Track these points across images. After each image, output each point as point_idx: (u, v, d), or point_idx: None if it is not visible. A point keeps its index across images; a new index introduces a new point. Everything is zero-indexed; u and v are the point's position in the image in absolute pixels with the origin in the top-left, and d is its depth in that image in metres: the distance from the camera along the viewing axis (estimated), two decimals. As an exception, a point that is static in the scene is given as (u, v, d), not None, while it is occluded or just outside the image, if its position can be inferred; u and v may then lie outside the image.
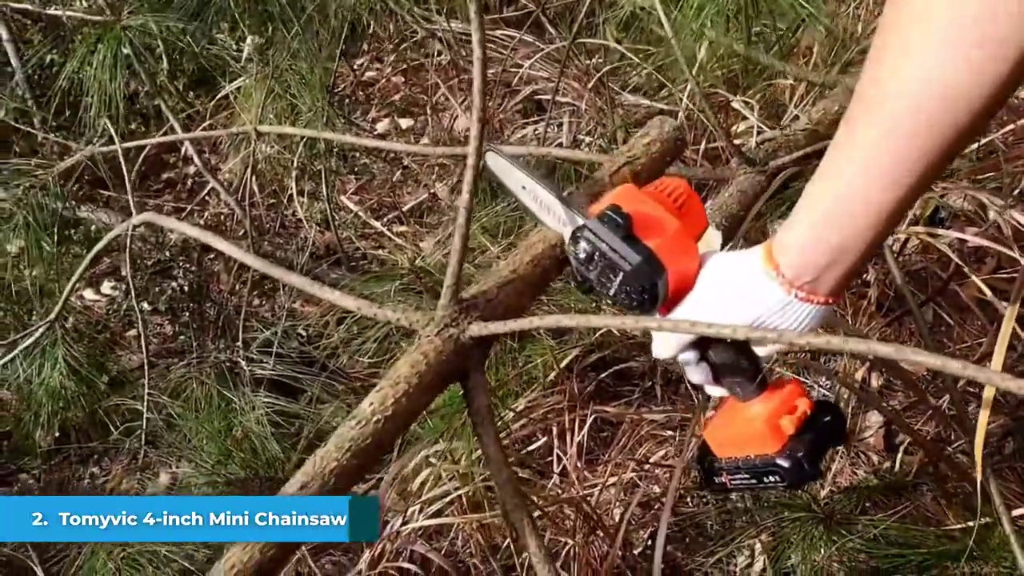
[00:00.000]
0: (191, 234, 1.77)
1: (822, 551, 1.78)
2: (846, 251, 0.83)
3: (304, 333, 2.36)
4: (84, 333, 2.26)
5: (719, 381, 0.98)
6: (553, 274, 1.45)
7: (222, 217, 2.65)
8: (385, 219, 2.70)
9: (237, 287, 2.32)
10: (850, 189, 0.80)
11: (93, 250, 1.70)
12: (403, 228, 2.68)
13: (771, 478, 0.96)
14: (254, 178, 2.29)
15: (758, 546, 1.92)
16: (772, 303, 0.88)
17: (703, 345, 0.95)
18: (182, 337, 2.32)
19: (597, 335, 2.09)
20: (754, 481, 0.98)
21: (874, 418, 2.09)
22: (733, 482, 1.00)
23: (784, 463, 0.94)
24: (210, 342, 2.27)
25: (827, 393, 2.12)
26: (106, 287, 2.63)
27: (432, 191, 2.78)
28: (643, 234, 0.94)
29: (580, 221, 0.98)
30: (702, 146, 2.38)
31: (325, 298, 1.46)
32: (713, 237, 1.45)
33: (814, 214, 0.84)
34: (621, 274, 0.93)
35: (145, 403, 1.96)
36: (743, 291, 0.90)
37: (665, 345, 0.98)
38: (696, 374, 0.98)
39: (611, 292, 0.95)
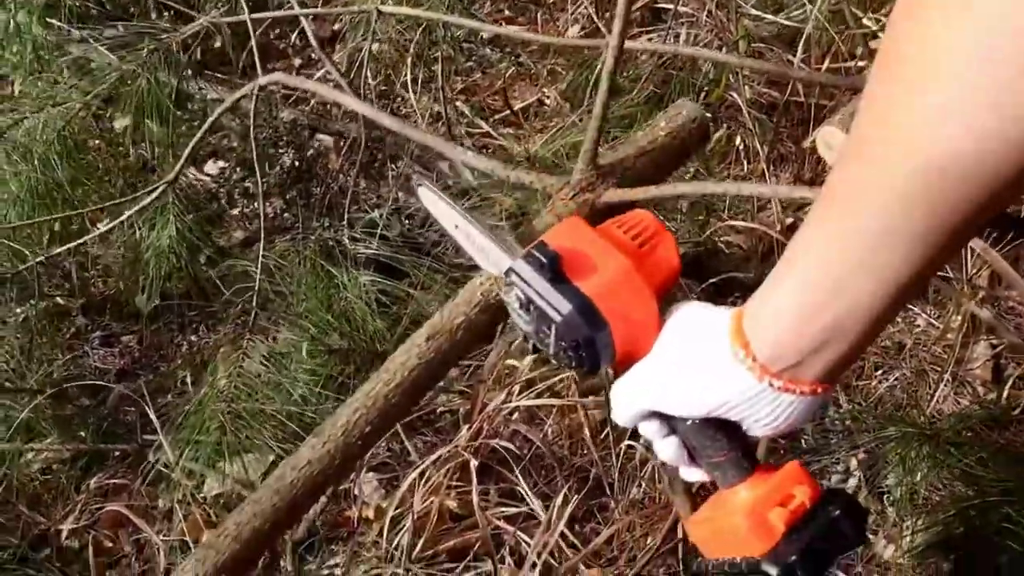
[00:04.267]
0: (323, 93, 1.78)
1: (921, 473, 1.76)
2: (841, 332, 0.63)
3: (408, 221, 2.38)
4: (195, 201, 2.30)
5: (695, 461, 0.79)
6: (693, 149, 1.44)
7: (327, 105, 2.65)
8: (491, 120, 2.68)
9: (345, 167, 2.33)
10: (853, 251, 0.59)
11: (221, 108, 1.71)
12: (508, 130, 2.67)
13: None
14: (369, 65, 2.29)
15: (853, 463, 1.90)
16: (741, 388, 0.69)
17: (671, 418, 0.77)
18: (287, 215, 2.35)
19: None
20: None
21: (981, 349, 2.04)
22: None
23: (771, 570, 0.73)
24: (315, 220, 2.30)
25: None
26: (211, 166, 2.66)
27: (540, 96, 2.76)
28: (577, 276, 0.75)
29: (507, 261, 0.82)
30: (825, 64, 2.33)
31: (458, 159, 1.46)
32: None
33: (800, 279, 0.64)
34: (554, 327, 0.75)
35: (260, 264, 1.99)
36: (705, 367, 0.71)
37: (625, 407, 0.78)
38: (665, 450, 0.79)
39: (551, 350, 0.77)
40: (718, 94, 2.40)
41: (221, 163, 2.56)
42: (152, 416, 2.05)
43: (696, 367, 0.72)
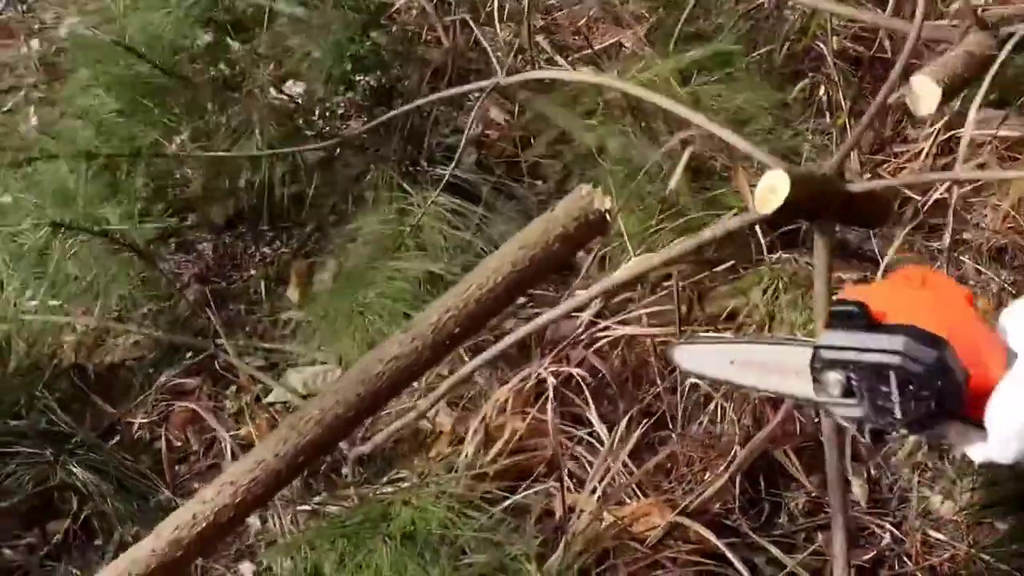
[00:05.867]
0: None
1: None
2: None
3: (484, 151, 2.40)
4: (276, 118, 2.34)
5: None
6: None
7: (410, 33, 2.66)
8: (570, 59, 2.68)
9: (426, 93, 2.34)
10: None
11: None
12: (587, 69, 2.66)
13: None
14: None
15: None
16: None
17: None
18: (365, 135, 2.37)
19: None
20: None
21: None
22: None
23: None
24: (394, 142, 2.33)
25: None
26: (291, 87, 2.68)
27: (620, 39, 2.74)
28: (887, 317, 0.71)
29: (809, 349, 0.75)
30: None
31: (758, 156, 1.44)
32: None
33: None
34: (892, 374, 0.68)
35: (335, 182, 2.02)
36: None
37: (1013, 430, 0.68)
38: None
39: (899, 414, 0.69)
40: (805, 44, 2.38)
41: (302, 84, 2.58)
42: (216, 321, 2.09)
43: None
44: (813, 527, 1.84)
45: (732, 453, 1.83)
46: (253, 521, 1.94)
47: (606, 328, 1.91)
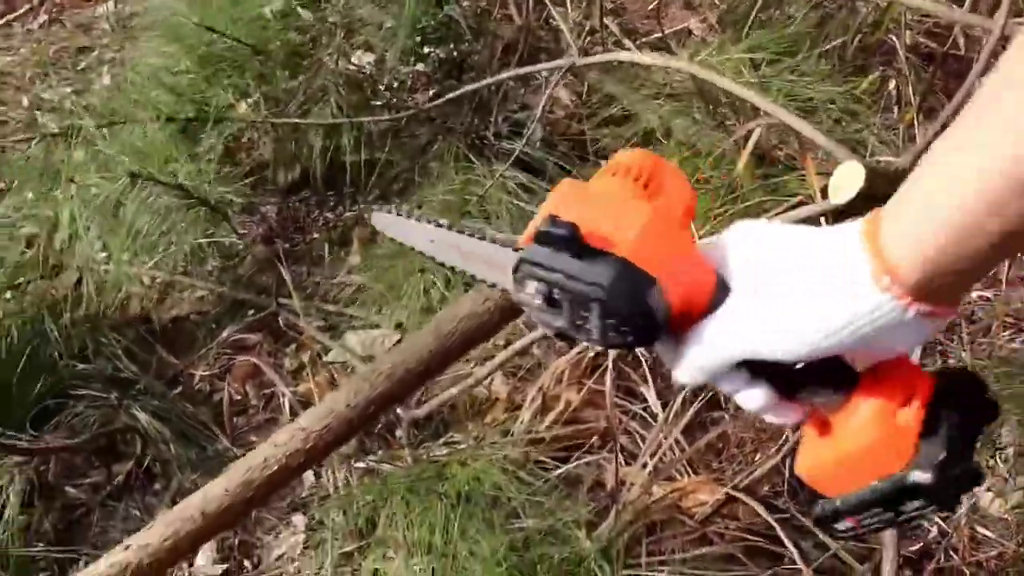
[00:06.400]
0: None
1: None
2: (992, 249, 0.55)
3: (550, 128, 2.42)
4: (346, 87, 2.38)
5: (792, 398, 0.68)
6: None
7: (482, 8, 2.68)
8: (638, 42, 2.69)
9: (497, 68, 2.37)
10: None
11: None
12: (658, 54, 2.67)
13: (913, 503, 0.66)
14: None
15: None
16: (882, 321, 0.59)
17: (762, 364, 0.66)
18: (433, 106, 2.40)
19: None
20: (891, 515, 0.68)
21: None
22: (865, 523, 0.70)
23: (923, 478, 0.64)
24: (463, 114, 2.36)
25: None
26: (359, 56, 2.71)
27: (689, 26, 2.75)
28: (599, 241, 0.65)
29: (514, 256, 0.70)
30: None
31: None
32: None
33: (959, 195, 0.54)
34: (595, 305, 0.65)
35: (402, 150, 2.05)
36: (830, 299, 0.60)
37: (699, 363, 0.67)
38: (753, 399, 0.68)
39: (595, 335, 0.67)
40: (877, 37, 2.38)
41: (372, 55, 2.61)
42: (288, 277, 2.14)
43: (810, 299, 0.61)
44: (863, 518, 1.85)
45: (783, 436, 1.84)
46: (307, 476, 1.99)
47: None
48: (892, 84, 2.35)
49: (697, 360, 0.67)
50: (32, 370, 2.05)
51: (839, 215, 1.77)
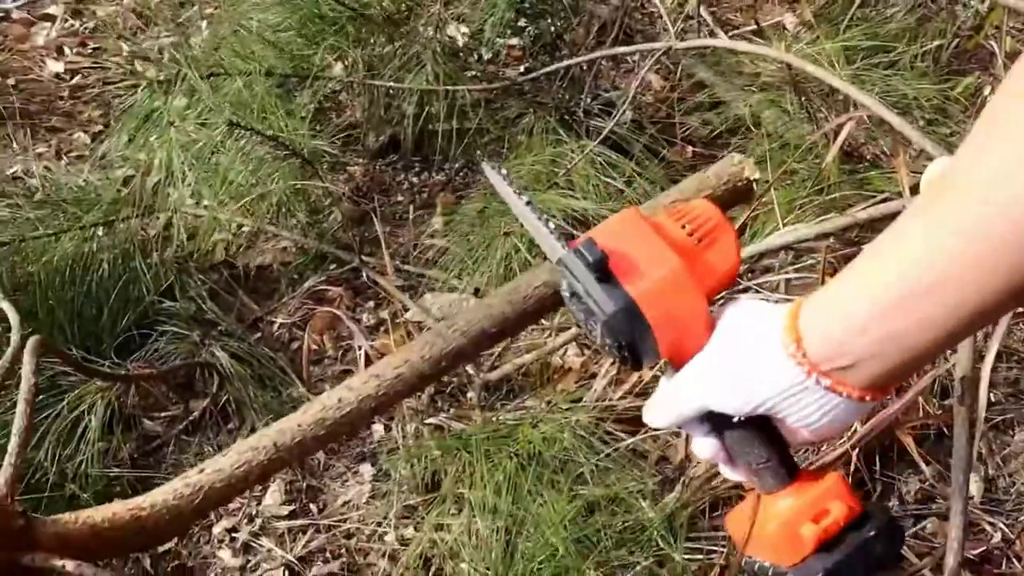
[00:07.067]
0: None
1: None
2: (905, 342, 0.63)
3: (639, 112, 2.44)
4: (447, 50, 2.42)
5: (734, 463, 0.77)
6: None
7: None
8: (730, 34, 2.70)
9: (591, 46, 2.40)
10: (943, 263, 0.58)
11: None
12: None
13: None
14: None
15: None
16: (788, 383, 0.68)
17: (716, 417, 0.74)
18: (526, 81, 2.43)
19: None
20: None
21: None
22: None
23: None
24: (555, 89, 2.39)
25: None
26: (456, 27, 2.76)
27: (783, 21, 2.75)
28: (624, 276, 0.74)
29: (559, 252, 0.80)
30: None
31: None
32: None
33: (879, 282, 0.62)
34: (599, 324, 0.74)
35: (492, 121, 2.09)
36: (755, 360, 0.70)
37: (666, 410, 0.77)
38: (704, 449, 0.78)
39: (597, 341, 0.77)
40: (976, 42, 2.36)
41: (467, 26, 2.65)
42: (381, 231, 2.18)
43: (746, 359, 0.70)
44: (922, 514, 1.85)
45: (852, 428, 1.84)
46: (377, 428, 2.04)
47: (746, 290, 1.94)
48: (988, 90, 2.33)
49: (666, 402, 0.76)
50: (120, 303, 2.12)
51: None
